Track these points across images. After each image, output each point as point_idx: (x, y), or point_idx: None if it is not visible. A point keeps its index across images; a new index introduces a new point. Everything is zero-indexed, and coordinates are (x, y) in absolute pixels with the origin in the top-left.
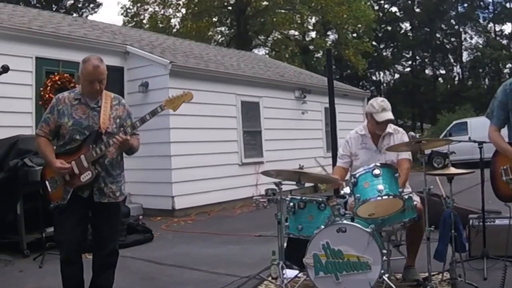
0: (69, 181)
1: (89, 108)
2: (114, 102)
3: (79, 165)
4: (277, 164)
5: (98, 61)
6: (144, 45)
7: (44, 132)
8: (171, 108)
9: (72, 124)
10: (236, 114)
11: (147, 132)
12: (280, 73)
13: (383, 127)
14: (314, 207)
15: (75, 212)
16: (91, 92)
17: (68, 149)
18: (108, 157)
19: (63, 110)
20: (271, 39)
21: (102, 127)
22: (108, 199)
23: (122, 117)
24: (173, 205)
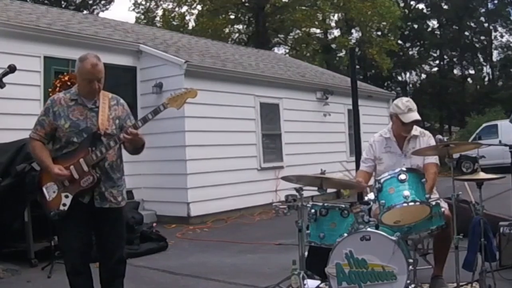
0: (68, 186)
1: (86, 109)
2: (112, 102)
3: (78, 170)
4: (298, 169)
5: (96, 59)
6: (158, 44)
7: (39, 135)
8: (174, 106)
9: (69, 126)
10: (255, 116)
11: (161, 135)
12: (301, 73)
13: (409, 128)
14: (337, 214)
15: (77, 219)
16: (89, 92)
17: (65, 152)
18: (108, 160)
19: (59, 112)
20: (291, 37)
21: (101, 128)
22: (110, 204)
23: (121, 117)
24: (189, 212)
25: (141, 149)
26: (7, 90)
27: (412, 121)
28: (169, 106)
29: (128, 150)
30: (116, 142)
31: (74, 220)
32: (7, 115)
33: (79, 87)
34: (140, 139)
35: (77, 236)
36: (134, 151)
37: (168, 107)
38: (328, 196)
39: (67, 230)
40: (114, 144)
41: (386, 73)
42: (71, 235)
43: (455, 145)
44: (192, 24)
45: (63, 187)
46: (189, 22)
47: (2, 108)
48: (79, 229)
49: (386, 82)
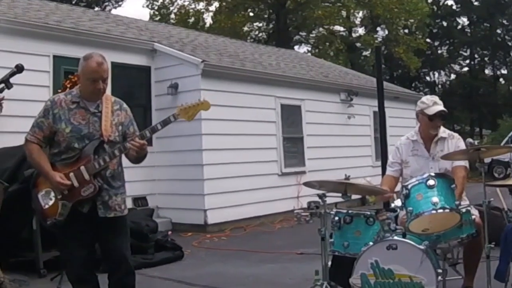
0: (67, 195)
1: (89, 113)
2: (115, 106)
3: (79, 177)
4: (321, 174)
5: (102, 58)
6: (174, 42)
7: (37, 138)
8: (185, 118)
9: (70, 130)
10: (276, 119)
11: (176, 139)
12: (324, 73)
13: (437, 124)
14: (362, 222)
15: (77, 229)
16: (93, 92)
17: (64, 158)
18: (110, 168)
19: (59, 115)
20: (313, 36)
21: (104, 135)
22: (115, 213)
23: (124, 123)
24: (206, 219)
25: (143, 158)
26: (15, 91)
27: (437, 112)
28: (180, 117)
29: (130, 158)
30: (121, 151)
31: (75, 229)
32: (14, 117)
33: (82, 87)
34: (145, 149)
35: (79, 245)
36: (136, 160)
37: (178, 118)
38: (352, 203)
39: (68, 240)
40: (119, 153)
41: (413, 73)
42: (73, 244)
43: (486, 149)
44: (209, 22)
45: (61, 195)
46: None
47: (9, 110)
48: (80, 238)
49: (413, 82)
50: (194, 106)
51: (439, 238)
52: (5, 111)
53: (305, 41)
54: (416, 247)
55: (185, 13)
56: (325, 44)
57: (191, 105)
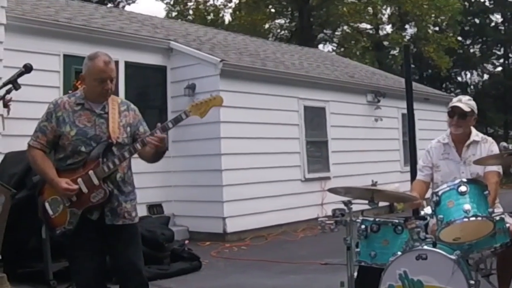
0: (75, 202)
1: (94, 114)
2: (122, 107)
3: (87, 183)
4: (346, 180)
5: (108, 57)
6: (191, 41)
7: (40, 143)
8: (197, 114)
9: (76, 133)
10: (298, 122)
11: (193, 143)
12: (350, 73)
13: (454, 122)
14: (390, 231)
15: (87, 237)
16: (100, 93)
17: (70, 163)
18: (119, 171)
19: (63, 117)
20: (338, 34)
21: (112, 137)
22: (123, 220)
23: (133, 124)
24: (225, 227)
25: (161, 156)
26: (23, 92)
27: (451, 107)
28: (192, 114)
29: (146, 157)
30: (131, 152)
31: (84, 238)
32: (22, 120)
33: (88, 89)
34: (165, 145)
35: (89, 255)
36: (153, 158)
37: (190, 115)
38: (380, 210)
39: (77, 250)
40: (128, 155)
41: (444, 73)
42: (82, 255)
43: None
44: (228, 19)
45: (69, 202)
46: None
47: (16, 112)
48: (90, 247)
49: (444, 83)
50: (206, 102)
51: (471, 247)
52: (13, 113)
53: (330, 39)
54: (447, 257)
55: (203, 9)
56: (351, 42)
57: (203, 101)
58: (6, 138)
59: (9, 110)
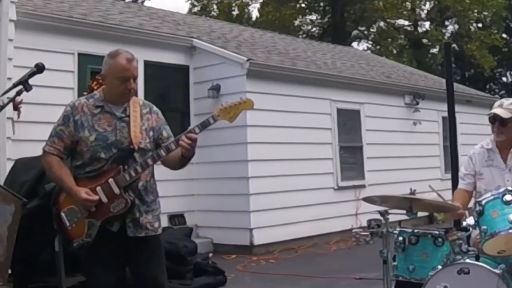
0: (94, 212)
1: (115, 118)
2: (144, 110)
3: (107, 192)
4: (382, 188)
5: (131, 54)
6: (215, 38)
7: (57, 149)
8: (226, 119)
9: (95, 139)
10: (331, 125)
11: (218, 148)
12: (386, 74)
13: (494, 128)
14: (429, 243)
15: (106, 250)
16: (122, 94)
17: (89, 171)
18: (142, 179)
19: (81, 121)
20: (374, 31)
21: (134, 142)
22: (146, 232)
23: (155, 128)
24: (252, 239)
25: (188, 161)
26: (34, 94)
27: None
28: (221, 118)
29: (171, 163)
30: (154, 159)
31: (103, 251)
32: (34, 123)
33: (108, 89)
34: (194, 149)
35: (108, 270)
36: (179, 164)
37: (219, 119)
38: (419, 221)
39: (95, 264)
40: (152, 162)
41: (488, 73)
42: (100, 269)
43: None
44: (255, 15)
45: (87, 213)
46: (251, 12)
47: (28, 115)
48: (109, 261)
49: (488, 84)
50: (236, 106)
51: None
52: (24, 117)
53: (365, 36)
54: (491, 271)
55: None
56: (387, 40)
57: (232, 104)
58: (16, 143)
59: (20, 113)
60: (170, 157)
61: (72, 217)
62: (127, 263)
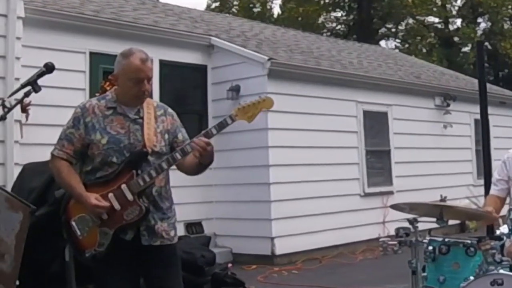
0: (106, 220)
1: (128, 120)
2: (159, 112)
3: (120, 198)
4: (411, 194)
5: (145, 54)
6: (234, 36)
7: (66, 153)
8: (244, 118)
9: (107, 142)
10: (357, 128)
11: (237, 153)
12: (415, 74)
13: None
14: (461, 252)
15: (119, 261)
16: (136, 96)
17: (100, 176)
18: (156, 185)
19: (92, 123)
20: (402, 28)
21: (148, 145)
22: (161, 240)
23: (170, 131)
24: (273, 249)
25: (206, 167)
26: (43, 95)
27: None
28: (238, 118)
29: (187, 168)
30: (169, 163)
31: (116, 261)
32: (42, 126)
33: (121, 90)
34: (212, 152)
35: (122, 281)
36: (196, 170)
37: (237, 119)
38: (450, 229)
39: (108, 275)
40: (167, 166)
41: None
42: (113, 280)
43: None
44: (277, 11)
45: (99, 221)
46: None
47: (36, 118)
48: (123, 273)
49: None
50: (255, 105)
51: None
52: (32, 119)
53: (393, 34)
54: None
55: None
56: (416, 38)
57: (251, 104)
58: (24, 147)
59: (28, 115)
60: (186, 161)
61: (83, 225)
62: (141, 274)
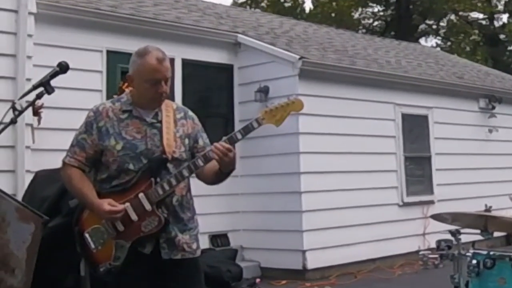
0: (123, 232)
1: (145, 124)
2: (179, 115)
3: (137, 208)
4: (454, 204)
5: (162, 53)
6: (263, 34)
7: (78, 160)
8: (271, 122)
9: (122, 147)
10: (395, 133)
11: (266, 159)
12: (458, 74)
13: None
14: (507, 266)
15: (138, 277)
16: (153, 98)
17: (115, 185)
18: (177, 194)
19: (106, 128)
20: (444, 25)
21: (167, 151)
22: (182, 254)
23: (191, 135)
24: (305, 263)
25: (226, 177)
26: (57, 97)
27: None
28: (266, 122)
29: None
30: (191, 170)
31: (134, 276)
32: (56, 130)
33: (137, 92)
34: (233, 159)
35: None
36: (215, 178)
37: (264, 123)
38: (495, 242)
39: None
40: (188, 173)
41: None
42: None
43: None
44: (309, 7)
45: (115, 233)
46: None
47: (49, 121)
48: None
49: None
50: (283, 107)
51: None
52: (45, 123)
53: (433, 31)
54: None
55: None
56: (459, 35)
57: (279, 106)
58: (36, 153)
59: (40, 118)
60: (205, 169)
61: (97, 238)
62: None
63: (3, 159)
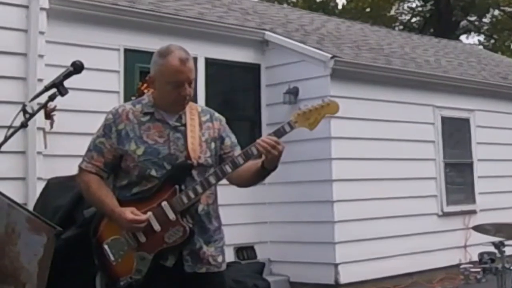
0: (144, 243)
1: (168, 127)
2: (204, 117)
3: (160, 218)
4: (497, 214)
5: (185, 52)
6: (292, 31)
7: (96, 166)
8: (305, 126)
9: (143, 152)
10: (434, 137)
11: (295, 166)
12: (502, 74)
13: None
14: None
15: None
16: (175, 101)
17: (137, 193)
18: (202, 203)
19: (126, 131)
20: (487, 21)
21: (192, 157)
22: (207, 267)
23: (218, 139)
24: (337, 277)
25: (265, 177)
26: (71, 99)
27: None
28: (298, 125)
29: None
30: (218, 176)
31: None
32: (69, 134)
33: (159, 94)
34: (281, 154)
35: None
36: (256, 177)
37: (296, 127)
38: None
39: None
40: (215, 180)
41: None
42: None
43: None
44: (342, 2)
45: (136, 244)
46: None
47: (63, 125)
48: None
49: None
50: (317, 109)
51: None
52: (58, 127)
53: (476, 28)
54: None
55: None
56: (503, 33)
57: (313, 108)
58: (49, 158)
59: (53, 122)
60: (241, 170)
61: (117, 249)
62: None
63: (13, 166)
